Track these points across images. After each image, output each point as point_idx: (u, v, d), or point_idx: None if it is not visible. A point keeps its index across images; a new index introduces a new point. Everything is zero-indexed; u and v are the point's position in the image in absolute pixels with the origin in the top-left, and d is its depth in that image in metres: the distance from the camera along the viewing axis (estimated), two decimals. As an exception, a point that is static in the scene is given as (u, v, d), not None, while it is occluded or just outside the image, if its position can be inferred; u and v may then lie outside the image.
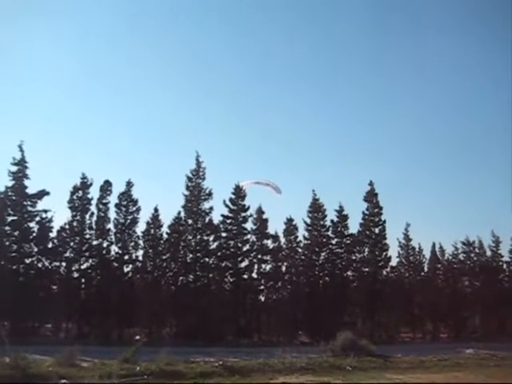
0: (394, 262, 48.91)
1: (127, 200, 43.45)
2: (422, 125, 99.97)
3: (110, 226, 42.99)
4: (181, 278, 44.08)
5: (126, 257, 43.08)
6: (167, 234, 44.18)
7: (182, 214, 44.28)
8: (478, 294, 50.48)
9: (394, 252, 49.47)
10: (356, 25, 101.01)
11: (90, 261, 42.51)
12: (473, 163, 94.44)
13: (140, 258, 43.89)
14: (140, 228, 43.84)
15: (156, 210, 44.66)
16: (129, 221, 43.19)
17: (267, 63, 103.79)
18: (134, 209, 43.55)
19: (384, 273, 48.07)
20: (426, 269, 51.70)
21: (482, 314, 51.40)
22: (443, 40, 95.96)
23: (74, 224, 42.26)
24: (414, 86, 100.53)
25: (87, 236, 42.57)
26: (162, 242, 44.23)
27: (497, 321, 49.49)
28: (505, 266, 53.22)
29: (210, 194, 44.03)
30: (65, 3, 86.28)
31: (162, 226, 44.43)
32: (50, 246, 41.54)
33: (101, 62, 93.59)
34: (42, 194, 40.67)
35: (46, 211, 40.78)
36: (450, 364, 23.77)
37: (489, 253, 52.98)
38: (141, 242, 43.69)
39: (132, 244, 43.29)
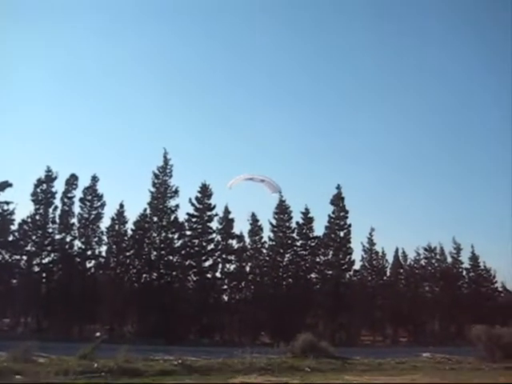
0: (357, 266, 49.54)
1: (92, 195, 43.06)
2: (394, 131, 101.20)
3: (74, 220, 42.64)
4: (144, 275, 43.81)
5: (89, 252, 42.67)
6: (132, 230, 43.98)
7: (148, 211, 44.05)
8: (438, 300, 51.43)
9: (357, 256, 50.10)
10: (332, 28, 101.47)
11: (52, 255, 42.00)
12: (438, 171, 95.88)
13: (103, 254, 43.58)
14: (104, 223, 43.65)
15: (121, 205, 44.58)
16: (93, 216, 42.81)
17: (239, 64, 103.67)
18: (99, 204, 43.20)
19: (347, 276, 48.38)
20: (388, 273, 52.35)
21: (440, 318, 52.36)
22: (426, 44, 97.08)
23: (37, 217, 41.66)
24: (388, 89, 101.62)
25: (50, 230, 42.06)
26: (126, 238, 44.04)
27: (455, 326, 50.40)
28: (464, 272, 54.29)
29: (176, 192, 43.88)
30: None
31: (126, 222, 44.35)
32: (10, 238, 40.87)
33: (68, 56, 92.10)
34: (5, 185, 40.01)
35: (7, 203, 40.30)
36: (408, 367, 24.06)
37: (449, 259, 54.08)
38: (105, 237, 43.54)
39: (96, 239, 42.93)
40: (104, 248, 43.58)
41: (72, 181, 42.79)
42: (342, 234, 47.57)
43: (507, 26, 79.23)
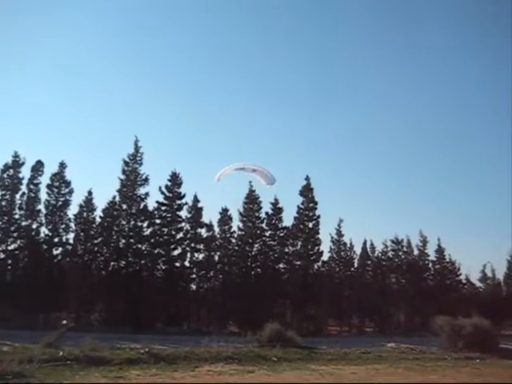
0: (325, 257, 49.73)
1: (60, 181, 42.52)
2: (367, 123, 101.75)
3: (41, 207, 42.02)
4: (112, 263, 43.51)
5: (56, 239, 42.10)
6: (100, 217, 43.55)
7: (117, 199, 43.71)
8: (404, 291, 52.18)
9: (326, 247, 50.38)
10: (323, 25, 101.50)
11: (18, 242, 41.38)
12: (408, 164, 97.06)
13: (71, 242, 43.04)
14: (72, 211, 43.13)
15: (90, 193, 44.10)
16: (60, 203, 42.29)
17: (213, 55, 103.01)
18: (67, 190, 42.68)
19: (315, 267, 48.66)
20: (356, 265, 52.82)
21: (406, 310, 53.11)
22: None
23: (3, 203, 41.08)
24: (364, 81, 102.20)
25: (16, 216, 41.43)
26: (94, 225, 43.58)
27: (419, 317, 51.17)
28: (430, 264, 55.15)
29: (146, 180, 43.64)
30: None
31: (95, 209, 43.88)
32: (-26, 225, 40.19)
33: (45, 39, 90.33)
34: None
35: (-28, 189, 39.49)
36: (373, 357, 24.46)
37: (416, 252, 54.83)
38: (72, 224, 42.96)
39: (63, 226, 42.36)
40: (71, 235, 43.16)
41: (38, 167, 42.17)
42: (310, 224, 47.83)
43: (507, 30, 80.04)
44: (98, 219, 43.66)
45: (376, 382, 16.96)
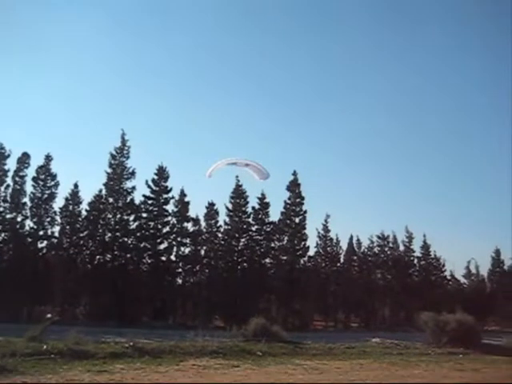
0: (311, 252, 49.93)
1: (45, 174, 42.28)
2: (356, 120, 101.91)
3: (26, 199, 41.71)
4: (98, 256, 43.38)
5: (41, 232, 41.89)
6: (86, 211, 43.37)
7: (103, 192, 43.56)
8: (389, 287, 52.50)
9: (312, 242, 50.53)
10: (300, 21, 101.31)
11: (3, 235, 41.04)
12: (394, 161, 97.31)
13: (56, 235, 42.82)
14: (58, 204, 42.92)
15: (76, 186, 43.87)
16: (46, 195, 42.04)
17: (200, 51, 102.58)
18: (53, 183, 42.45)
19: (301, 262, 48.75)
20: (342, 260, 53.04)
21: (391, 305, 53.46)
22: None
23: (-12, 196, 40.71)
24: (358, 79, 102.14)
25: (1, 209, 41.10)
26: (80, 219, 43.37)
27: (404, 312, 51.50)
28: (416, 260, 55.47)
29: (132, 174, 43.52)
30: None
31: (81, 202, 43.72)
32: (-41, 217, 39.85)
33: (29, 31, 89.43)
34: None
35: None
36: (357, 352, 24.57)
37: (402, 247, 55.14)
38: (58, 218, 42.73)
39: (48, 219, 42.15)
40: (57, 228, 42.93)
41: (24, 159, 41.85)
42: (297, 220, 47.93)
43: (507, 29, 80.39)
44: (83, 212, 43.53)
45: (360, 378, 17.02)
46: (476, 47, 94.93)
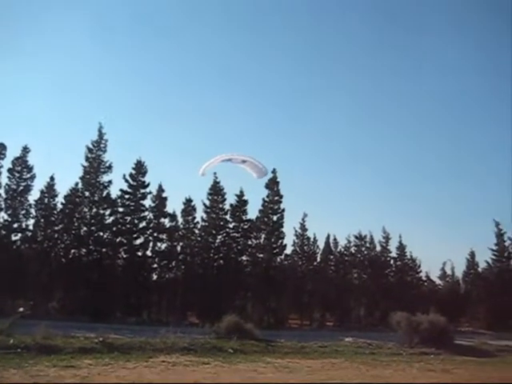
0: (288, 250, 49.75)
1: (22, 166, 41.69)
2: (337, 120, 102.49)
3: (1, 191, 41.16)
4: (73, 250, 42.88)
5: (16, 225, 41.27)
6: (62, 204, 42.81)
7: (80, 186, 43.06)
8: (365, 286, 52.66)
9: (289, 240, 50.51)
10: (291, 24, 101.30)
11: (-25, 227, 40.45)
12: (373, 162, 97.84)
13: (30, 228, 42.22)
14: (33, 196, 42.31)
15: (52, 178, 43.26)
16: (21, 188, 41.46)
17: (176, 50, 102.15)
18: (29, 176, 41.90)
19: (278, 260, 48.71)
20: (318, 259, 53.00)
21: (366, 305, 53.65)
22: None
23: (-39, 186, 40.07)
24: (341, 78, 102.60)
25: (-25, 200, 40.45)
26: (55, 212, 42.81)
27: (379, 312, 51.72)
28: (392, 261, 55.67)
29: (109, 167, 43.13)
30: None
31: (56, 195, 43.06)
32: None
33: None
34: None
35: None
36: (329, 351, 24.71)
37: (378, 248, 55.29)
38: (33, 210, 42.12)
39: (23, 212, 41.54)
40: (31, 221, 42.31)
41: (0, 150, 41.21)
42: (275, 218, 47.81)
43: (508, 31, 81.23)
44: (59, 206, 42.95)
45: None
46: (476, 46, 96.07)
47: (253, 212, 48.03)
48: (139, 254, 44.16)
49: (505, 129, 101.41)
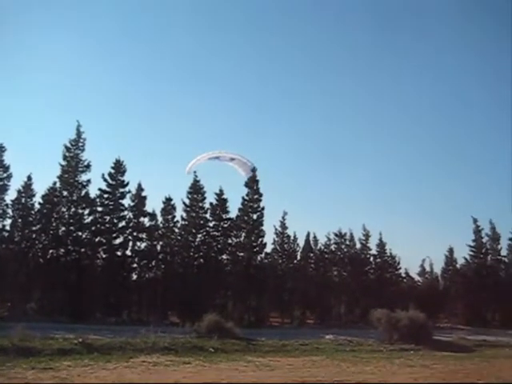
0: (268, 249, 49.74)
1: (-3, 165, 41.17)
2: (316, 118, 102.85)
3: (-24, 191, 40.49)
4: (51, 251, 42.32)
5: (-8, 225, 40.77)
6: (39, 204, 42.32)
7: (58, 185, 42.57)
8: (345, 284, 52.86)
9: (269, 239, 50.51)
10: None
11: (-49, 227, 39.85)
12: (352, 159, 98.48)
13: (7, 228, 41.77)
14: (10, 196, 41.86)
15: (29, 178, 42.70)
16: (-2, 187, 40.94)
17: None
18: (5, 175, 41.39)
19: (258, 258, 48.65)
20: (298, 257, 53.10)
21: (347, 302, 53.89)
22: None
23: None
24: (318, 76, 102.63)
25: (-51, 201, 39.83)
26: (32, 212, 42.34)
27: (360, 309, 51.98)
28: (372, 258, 55.98)
29: (88, 167, 42.62)
30: None
31: (34, 195, 42.56)
32: None
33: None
34: None
35: None
36: (310, 348, 24.77)
37: (358, 245, 55.51)
38: (10, 210, 41.68)
39: (0, 212, 41.05)
40: (8, 221, 41.89)
41: (-25, 150, 40.77)
42: (255, 216, 47.71)
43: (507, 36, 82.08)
44: (37, 206, 42.50)
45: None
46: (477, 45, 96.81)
47: (233, 211, 48.00)
48: (118, 253, 43.78)
49: (490, 128, 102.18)
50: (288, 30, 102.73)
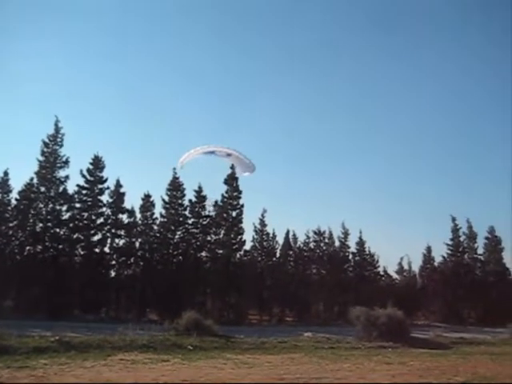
0: (248, 246, 50.00)
1: (-26, 161, 40.64)
2: (295, 115, 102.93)
3: (-48, 187, 39.91)
4: (28, 247, 42.04)
5: (-32, 222, 40.23)
6: (16, 200, 41.94)
7: (35, 181, 42.13)
8: (324, 282, 53.02)
9: (249, 236, 50.64)
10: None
11: None
12: (332, 157, 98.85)
13: (-17, 225, 41.19)
14: (-14, 193, 41.18)
15: (6, 173, 42.45)
16: (-26, 184, 40.41)
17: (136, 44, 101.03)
18: (-19, 171, 40.84)
19: (238, 256, 48.65)
20: (278, 254, 53.25)
21: (325, 300, 54.05)
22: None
23: None
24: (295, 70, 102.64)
25: None
26: (9, 208, 41.94)
27: (338, 307, 52.23)
28: (350, 256, 56.25)
29: (66, 162, 42.30)
30: None
31: (11, 191, 42.40)
32: None
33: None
34: None
35: None
36: (289, 346, 24.75)
37: (337, 243, 55.76)
38: (-14, 207, 41.09)
39: (-25, 209, 40.58)
40: (-16, 218, 41.19)
41: (-49, 145, 40.21)
42: (234, 213, 47.78)
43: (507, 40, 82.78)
44: (13, 202, 42.21)
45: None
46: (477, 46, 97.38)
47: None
48: (97, 250, 43.56)
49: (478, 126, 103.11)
50: (280, 29, 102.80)
